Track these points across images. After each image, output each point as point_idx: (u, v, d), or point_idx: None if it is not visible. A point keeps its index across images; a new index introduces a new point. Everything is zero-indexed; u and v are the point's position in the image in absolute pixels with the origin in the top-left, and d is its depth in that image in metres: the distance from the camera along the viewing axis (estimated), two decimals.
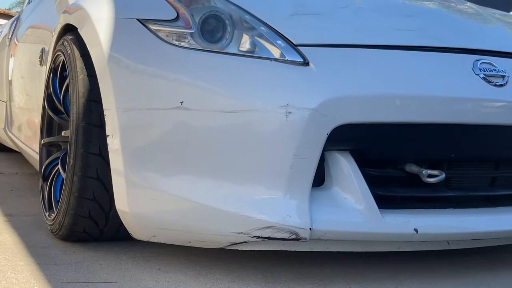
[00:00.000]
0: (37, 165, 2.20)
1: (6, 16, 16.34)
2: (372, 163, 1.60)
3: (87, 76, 1.75)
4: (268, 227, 1.47)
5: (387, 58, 1.60)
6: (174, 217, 1.56)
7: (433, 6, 2.08)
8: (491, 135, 1.66)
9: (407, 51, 1.63)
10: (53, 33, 2.15)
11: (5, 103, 3.26)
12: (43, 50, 2.40)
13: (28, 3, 3.46)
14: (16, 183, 2.85)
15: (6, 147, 3.54)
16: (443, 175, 1.61)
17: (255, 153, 1.49)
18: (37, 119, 2.30)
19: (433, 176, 1.61)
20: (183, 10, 1.61)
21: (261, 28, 1.58)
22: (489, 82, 1.63)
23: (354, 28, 1.67)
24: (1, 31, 3.83)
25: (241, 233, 1.49)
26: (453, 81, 1.61)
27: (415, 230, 1.55)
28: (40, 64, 2.41)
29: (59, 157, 1.96)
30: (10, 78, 3.13)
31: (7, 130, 3.15)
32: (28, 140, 2.56)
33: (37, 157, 2.19)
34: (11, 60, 3.15)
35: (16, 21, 3.52)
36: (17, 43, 3.12)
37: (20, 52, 2.97)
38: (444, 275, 1.70)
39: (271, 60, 1.53)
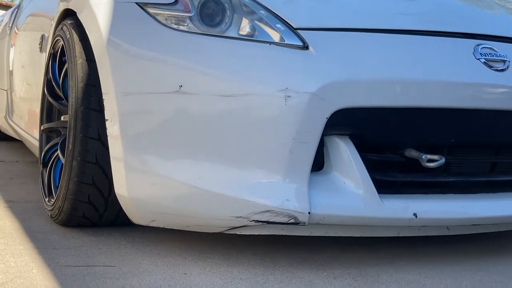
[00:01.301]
0: (37, 152, 2.19)
1: (8, 7, 16.34)
2: (372, 148, 1.60)
3: (86, 60, 1.75)
4: (267, 211, 1.47)
5: (387, 42, 1.59)
6: (173, 201, 1.56)
7: None
8: (492, 120, 1.65)
9: (408, 35, 1.62)
10: (53, 19, 2.14)
11: (6, 91, 3.25)
12: (43, 37, 2.39)
13: None
14: (17, 171, 2.85)
15: (7, 135, 3.54)
16: (443, 160, 1.61)
17: (254, 137, 1.49)
18: (37, 108, 2.29)
19: (432, 161, 1.60)
20: None
21: (260, 11, 1.57)
22: (490, 67, 1.62)
23: (354, 11, 1.66)
24: (2, 20, 3.82)
25: (240, 217, 1.49)
26: (454, 66, 1.60)
27: (415, 215, 1.55)
28: (40, 51, 2.40)
29: (59, 142, 1.96)
30: (11, 68, 3.12)
31: (8, 119, 3.14)
32: (29, 128, 2.56)
33: (37, 144, 2.19)
34: (12, 49, 3.14)
35: (16, 9, 3.50)
36: (17, 31, 3.10)
37: (21, 41, 2.96)
38: (443, 261, 1.70)
39: (270, 44, 1.52)
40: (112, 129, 1.63)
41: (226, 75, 1.51)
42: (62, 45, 1.93)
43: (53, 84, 2.09)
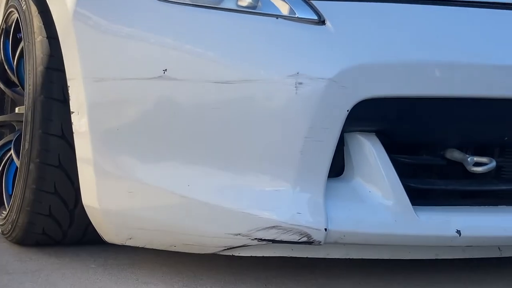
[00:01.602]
0: None
1: None
2: (404, 148, 1.60)
3: (47, 38, 1.75)
4: (273, 227, 1.47)
5: (425, 15, 1.59)
6: (155, 214, 1.57)
7: None
8: None
9: (452, 6, 1.61)
10: None
11: None
12: None
13: None
14: None
15: None
16: (493, 164, 1.61)
17: (256, 135, 1.49)
18: None
19: (480, 164, 1.60)
20: None
21: None
22: None
23: None
24: None
25: (239, 234, 1.49)
26: (510, 46, 1.60)
27: (458, 232, 1.55)
28: None
29: (12, 140, 1.96)
30: None
31: None
32: None
33: None
34: None
35: None
36: None
37: None
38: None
39: (277, 18, 1.52)
40: (79, 124, 1.64)
41: (222, 57, 1.51)
42: (17, 18, 1.94)
43: (5, 67, 2.09)
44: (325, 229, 1.47)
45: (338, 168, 1.55)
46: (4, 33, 2.07)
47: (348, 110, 1.47)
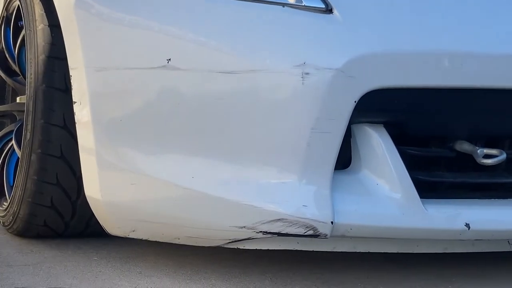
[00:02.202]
0: None
1: None
2: (413, 140, 1.60)
3: (49, 26, 1.75)
4: (279, 219, 1.47)
5: (437, 2, 1.58)
6: (159, 206, 1.57)
7: None
8: None
9: None
10: None
11: None
12: None
13: None
14: None
15: None
16: (504, 156, 1.60)
17: (262, 126, 1.49)
18: None
19: (490, 156, 1.59)
20: None
21: None
22: None
23: None
24: None
25: (244, 227, 1.49)
26: None
27: (467, 225, 1.54)
28: None
29: (13, 130, 1.96)
30: None
31: None
32: None
33: None
34: None
35: None
36: None
37: None
38: (502, 284, 1.69)
39: (284, 6, 1.51)
40: (81, 114, 1.64)
41: (227, 46, 1.51)
42: (18, 5, 1.94)
43: (6, 55, 2.09)
44: (332, 222, 1.46)
45: (345, 160, 1.54)
46: (5, 21, 2.07)
47: (355, 101, 1.46)
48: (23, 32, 1.90)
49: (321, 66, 1.45)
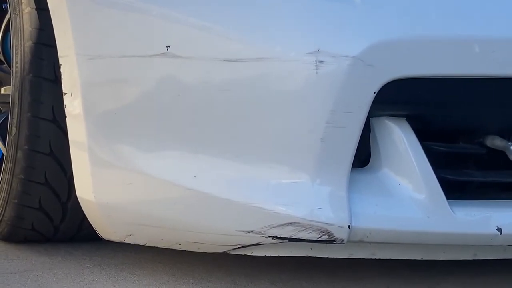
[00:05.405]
0: None
1: None
2: (438, 135, 1.60)
3: (36, 9, 1.75)
4: (290, 223, 1.46)
5: None
6: (158, 208, 1.57)
7: None
8: None
9: None
10: None
11: None
12: None
13: None
14: None
15: None
16: None
17: (271, 121, 1.48)
18: None
19: None
20: None
21: None
22: None
23: None
24: None
25: (252, 231, 1.48)
26: None
27: (499, 229, 1.54)
28: None
29: None
30: None
31: None
32: None
33: None
34: None
35: None
36: None
37: None
38: None
39: None
40: (72, 106, 1.63)
41: (233, 32, 1.51)
42: None
43: None
44: (349, 226, 1.46)
45: (363, 157, 1.54)
46: None
47: (375, 92, 1.45)
48: (7, 16, 1.91)
49: (336, 53, 1.44)
